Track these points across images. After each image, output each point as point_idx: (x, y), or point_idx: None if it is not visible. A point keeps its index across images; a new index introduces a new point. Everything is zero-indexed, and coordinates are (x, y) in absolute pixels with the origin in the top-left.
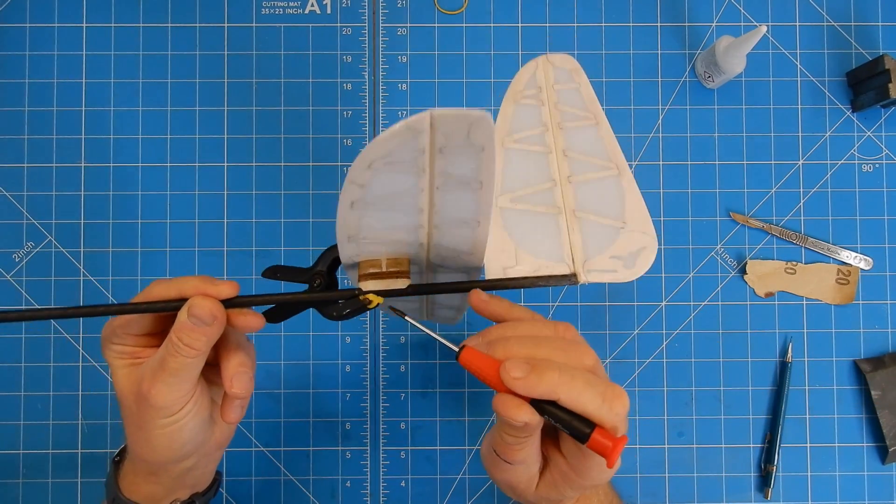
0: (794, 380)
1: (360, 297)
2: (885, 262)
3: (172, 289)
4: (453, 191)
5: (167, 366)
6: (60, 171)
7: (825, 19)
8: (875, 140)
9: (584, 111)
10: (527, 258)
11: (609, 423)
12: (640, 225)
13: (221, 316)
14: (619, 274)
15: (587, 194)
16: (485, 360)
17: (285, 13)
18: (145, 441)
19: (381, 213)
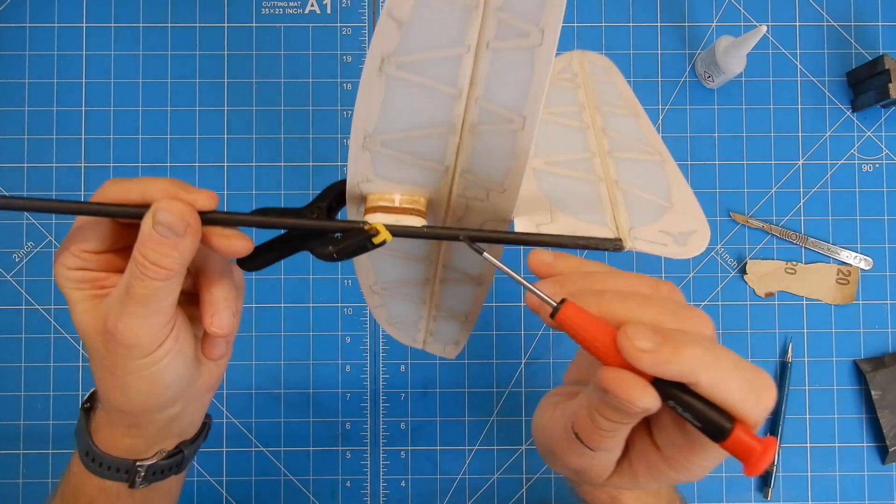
0: (794, 380)
1: (364, 227)
2: (885, 262)
3: (133, 190)
4: (506, 49)
5: (134, 292)
6: (60, 171)
7: (825, 19)
8: (875, 140)
9: (622, 101)
10: (563, 218)
11: (754, 419)
12: (689, 210)
13: (196, 224)
14: (669, 248)
15: (630, 170)
16: (594, 321)
17: (285, 13)
18: (120, 388)
19: (414, 92)
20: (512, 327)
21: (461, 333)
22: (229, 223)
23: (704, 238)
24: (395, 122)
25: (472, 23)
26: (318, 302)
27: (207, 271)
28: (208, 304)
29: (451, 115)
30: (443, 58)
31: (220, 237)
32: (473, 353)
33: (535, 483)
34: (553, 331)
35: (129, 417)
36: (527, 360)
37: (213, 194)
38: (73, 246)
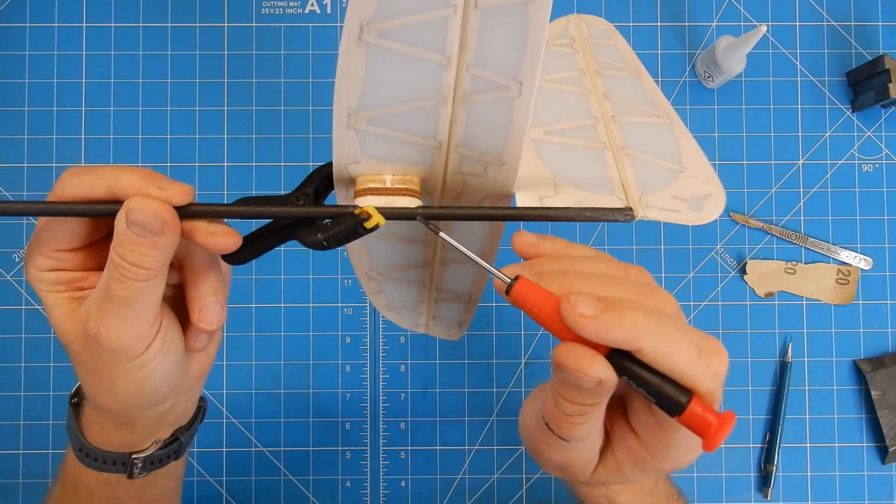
0: (794, 380)
1: (354, 211)
2: (885, 262)
3: (99, 185)
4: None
5: (114, 294)
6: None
7: (825, 19)
8: (875, 140)
9: (624, 64)
10: (568, 189)
11: (705, 386)
12: (701, 172)
13: (173, 221)
14: (683, 215)
15: (636, 135)
16: (548, 297)
17: (285, 13)
18: (107, 391)
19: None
20: (512, 327)
21: (464, 315)
22: (210, 215)
23: (720, 202)
24: (380, 96)
25: None
26: (318, 302)
27: (192, 264)
28: (195, 299)
29: (441, 84)
30: (427, 21)
31: (205, 234)
32: (473, 353)
33: (535, 483)
34: None
35: (120, 416)
36: (527, 360)
37: (188, 188)
38: (42, 246)
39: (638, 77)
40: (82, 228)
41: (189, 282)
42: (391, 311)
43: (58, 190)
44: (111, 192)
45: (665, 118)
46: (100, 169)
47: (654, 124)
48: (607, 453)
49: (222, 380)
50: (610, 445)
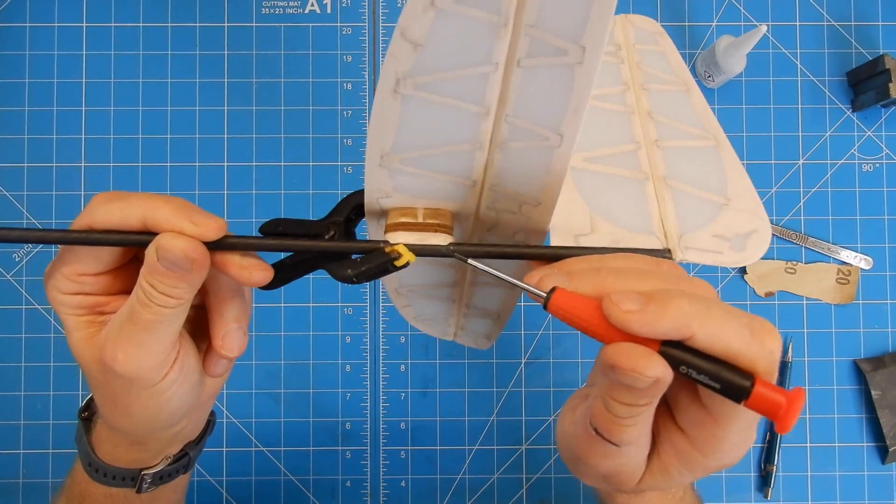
0: (795, 380)
1: (385, 249)
2: (885, 261)
3: (132, 216)
4: (540, 67)
5: (139, 318)
6: (60, 171)
7: (825, 19)
8: (875, 140)
9: (672, 76)
10: (605, 225)
11: (763, 365)
12: (746, 204)
13: (203, 258)
14: (724, 256)
15: (679, 162)
16: (587, 302)
17: (285, 13)
18: (123, 415)
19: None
20: (512, 327)
21: (493, 329)
22: (241, 248)
23: (765, 238)
24: (414, 140)
25: (501, 41)
26: (318, 302)
27: (217, 290)
28: (219, 325)
29: (478, 132)
30: (467, 76)
31: (238, 268)
32: (473, 353)
33: (535, 483)
34: (553, 331)
35: (134, 437)
36: (527, 360)
37: (221, 223)
38: (65, 268)
39: (685, 91)
40: (110, 254)
41: (213, 307)
42: (419, 321)
43: (87, 217)
44: (144, 224)
45: (712, 140)
46: (132, 197)
47: (700, 148)
48: (653, 457)
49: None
50: (655, 449)
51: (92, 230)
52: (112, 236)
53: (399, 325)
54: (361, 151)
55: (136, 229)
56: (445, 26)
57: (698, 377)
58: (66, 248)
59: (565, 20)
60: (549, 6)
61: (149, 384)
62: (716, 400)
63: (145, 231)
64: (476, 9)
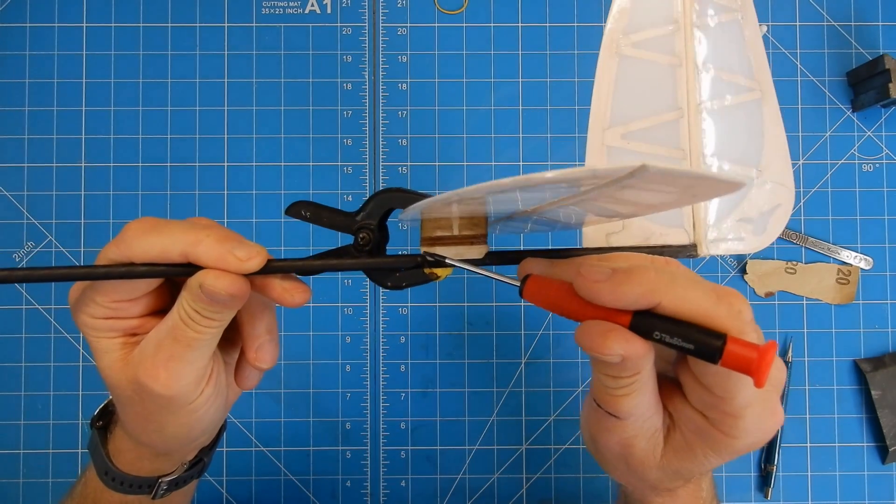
0: (794, 380)
1: (425, 271)
2: (885, 261)
3: (174, 249)
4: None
5: (182, 335)
6: (60, 171)
7: (825, 19)
8: (875, 140)
9: (730, 2)
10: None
11: (733, 325)
12: (777, 174)
13: (243, 292)
14: (746, 243)
15: (720, 130)
16: (560, 285)
17: (285, 13)
18: (155, 433)
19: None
20: (512, 327)
21: None
22: (286, 271)
23: (788, 211)
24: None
25: None
26: (318, 302)
27: (249, 306)
28: (252, 338)
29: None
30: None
31: (280, 291)
32: (473, 353)
33: (535, 483)
34: (553, 331)
35: (161, 450)
36: (527, 360)
37: (263, 254)
38: (100, 297)
39: (741, 19)
40: (147, 283)
41: (245, 322)
42: None
43: (125, 249)
44: (186, 257)
45: (758, 91)
46: (171, 229)
47: (745, 104)
48: (674, 435)
49: None
50: (676, 427)
51: (133, 264)
52: (157, 269)
53: (399, 325)
54: (362, 151)
55: (178, 262)
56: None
57: (671, 341)
58: None
59: None
60: None
61: (186, 402)
62: (709, 373)
63: (188, 263)
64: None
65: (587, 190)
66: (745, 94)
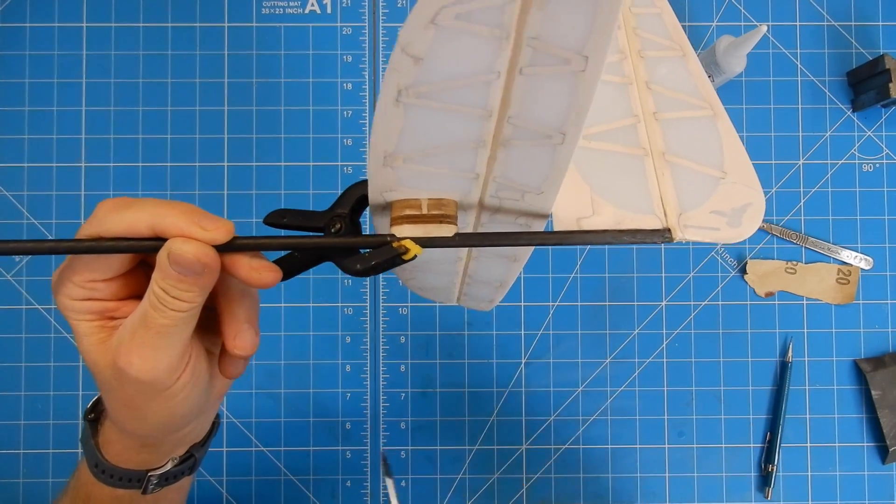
0: (794, 380)
1: (393, 243)
2: (885, 261)
3: (141, 222)
4: (543, 75)
5: (152, 322)
6: (60, 171)
7: (825, 19)
8: (875, 140)
9: (668, 41)
10: (606, 208)
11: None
12: (742, 177)
13: (214, 262)
14: (722, 233)
15: (678, 135)
16: None
17: (285, 13)
18: (136, 419)
19: (436, 115)
20: (512, 327)
21: (496, 294)
22: (252, 248)
23: (759, 211)
24: (417, 143)
25: (502, 52)
26: (318, 302)
27: (227, 290)
28: (230, 325)
29: (481, 132)
30: (469, 85)
31: (248, 269)
32: (473, 353)
33: (535, 483)
34: (553, 331)
35: (145, 440)
36: (527, 360)
37: (229, 226)
38: (75, 276)
39: (682, 56)
40: (120, 261)
41: (223, 308)
42: (424, 291)
43: (96, 225)
44: (153, 230)
45: (708, 109)
46: (139, 204)
47: (698, 118)
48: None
49: None
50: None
51: (102, 238)
52: (122, 244)
53: (399, 325)
54: (362, 151)
55: (146, 236)
56: (447, 41)
57: None
58: (76, 256)
59: (568, 32)
60: (552, 19)
61: (162, 388)
62: None
63: (155, 237)
64: (477, 24)
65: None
66: (697, 110)
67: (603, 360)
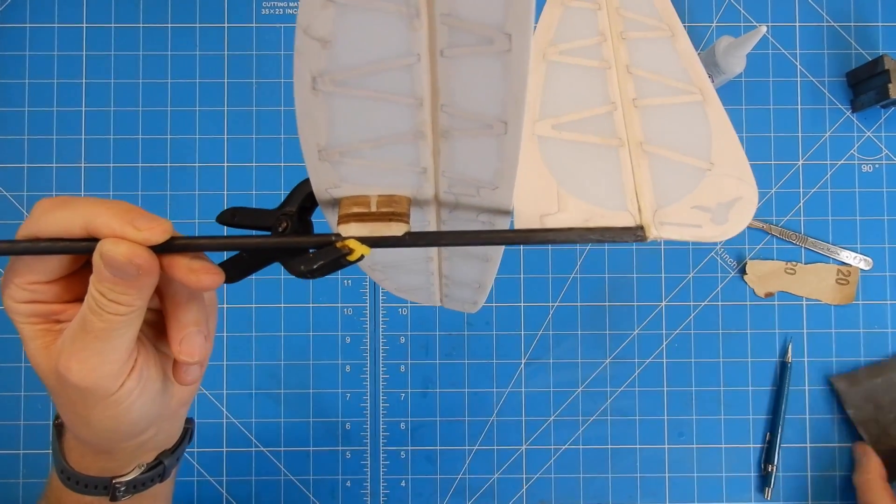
0: (794, 380)
1: (336, 243)
2: (884, 262)
3: (74, 222)
4: (465, 56)
5: (91, 327)
6: (60, 171)
7: (825, 19)
8: (875, 140)
9: (656, 20)
10: (573, 203)
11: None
12: (732, 168)
13: (149, 263)
14: (704, 230)
15: (659, 123)
16: None
17: (285, 13)
18: (83, 426)
19: (363, 104)
20: (512, 327)
21: (477, 296)
22: (190, 249)
23: (751, 206)
24: (350, 133)
25: (416, 31)
26: (318, 302)
27: (172, 295)
28: (176, 330)
29: (416, 122)
30: (389, 70)
31: (186, 272)
32: (473, 353)
33: (535, 483)
34: (553, 331)
35: (97, 446)
36: (527, 361)
37: (166, 226)
38: (17, 278)
39: (671, 36)
40: (59, 263)
41: (170, 312)
42: (402, 292)
43: (32, 226)
44: (87, 230)
45: (697, 94)
46: (74, 204)
47: (684, 104)
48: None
49: (222, 380)
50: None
51: (37, 239)
52: (57, 245)
53: (399, 326)
54: None
55: (80, 237)
56: (351, 20)
57: None
58: (16, 257)
59: (483, 6)
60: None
61: (105, 394)
62: None
63: (90, 238)
64: (380, 1)
65: None
66: (683, 96)
67: (603, 360)
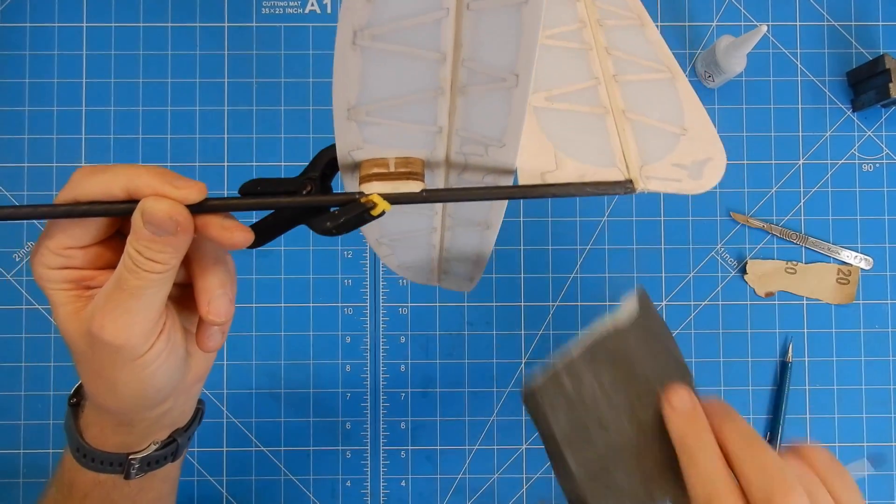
0: (794, 380)
1: (360, 199)
2: (885, 261)
3: (115, 185)
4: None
5: (126, 284)
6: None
7: (825, 19)
8: (875, 140)
9: (627, 10)
10: (570, 163)
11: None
12: (702, 133)
13: (187, 221)
14: (683, 184)
15: (638, 96)
16: None
17: (285, 13)
18: (108, 391)
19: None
20: (512, 327)
21: (474, 271)
22: (223, 209)
23: (720, 166)
24: (378, 91)
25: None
26: (318, 302)
27: (201, 258)
28: (204, 292)
29: (438, 78)
30: (421, 24)
31: (220, 230)
32: (473, 353)
33: (535, 483)
34: (553, 331)
35: (119, 417)
36: (527, 360)
37: (201, 186)
38: (52, 243)
39: (640, 25)
40: (97, 226)
41: (197, 275)
42: (403, 269)
43: (71, 190)
44: (127, 192)
45: (667, 72)
46: (114, 168)
47: (657, 81)
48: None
49: (222, 380)
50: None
51: (78, 202)
52: (98, 207)
53: (399, 325)
54: None
55: (121, 199)
56: None
57: None
58: (53, 222)
59: None
60: None
61: (135, 354)
62: None
63: (129, 199)
64: None
65: None
66: (655, 73)
67: None
